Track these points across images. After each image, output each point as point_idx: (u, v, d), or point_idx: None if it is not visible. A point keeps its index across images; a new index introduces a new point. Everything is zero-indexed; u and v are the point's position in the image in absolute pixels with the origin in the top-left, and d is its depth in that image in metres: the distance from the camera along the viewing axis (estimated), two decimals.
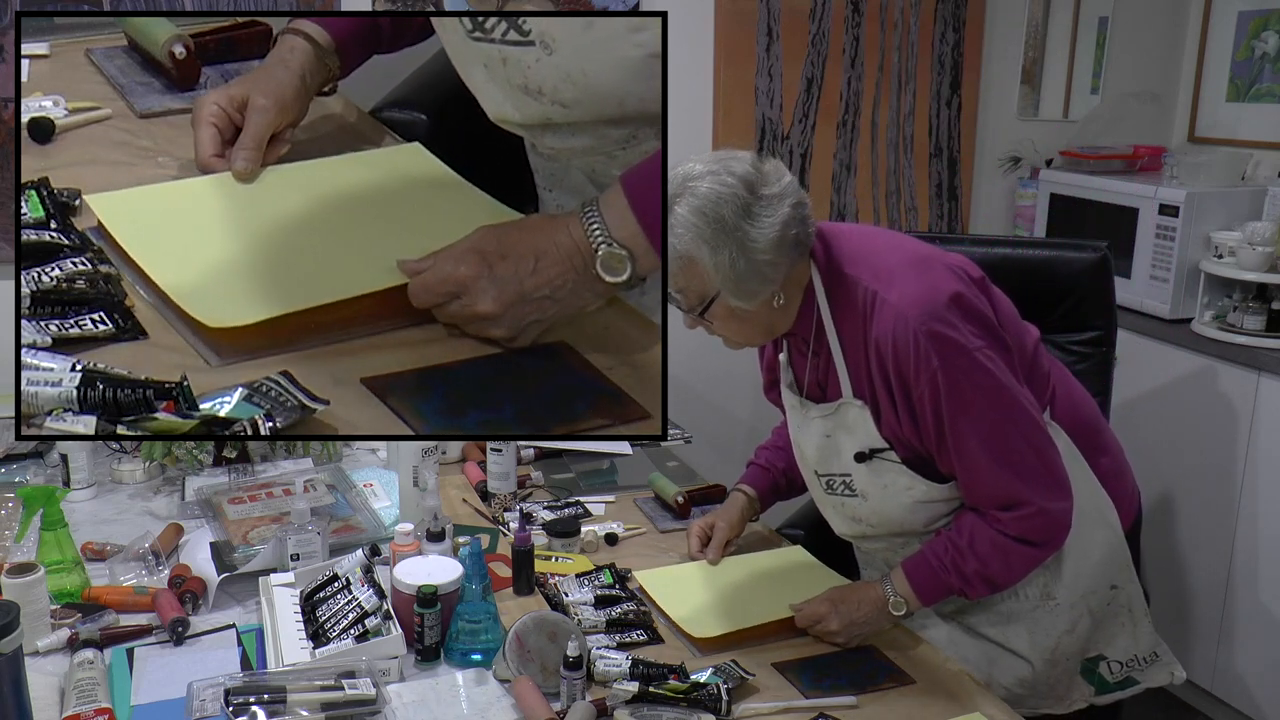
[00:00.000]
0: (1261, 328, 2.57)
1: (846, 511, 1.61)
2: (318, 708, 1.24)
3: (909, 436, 1.48)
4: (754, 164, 1.41)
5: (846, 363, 1.50)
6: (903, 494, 1.52)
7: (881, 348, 1.43)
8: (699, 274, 1.39)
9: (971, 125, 3.13)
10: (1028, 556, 1.48)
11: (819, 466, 1.59)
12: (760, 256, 1.38)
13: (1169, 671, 1.66)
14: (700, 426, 2.68)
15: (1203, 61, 3.24)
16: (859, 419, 1.50)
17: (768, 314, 1.47)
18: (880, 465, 1.51)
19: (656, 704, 1.29)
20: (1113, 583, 1.59)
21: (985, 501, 1.47)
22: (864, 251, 1.49)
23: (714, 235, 1.36)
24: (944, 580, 1.49)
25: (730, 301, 1.42)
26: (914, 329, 1.39)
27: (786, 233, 1.39)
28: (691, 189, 1.37)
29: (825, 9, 2.89)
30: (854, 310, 1.47)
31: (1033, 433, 1.45)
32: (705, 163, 1.40)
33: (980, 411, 1.41)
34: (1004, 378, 1.43)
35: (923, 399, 1.42)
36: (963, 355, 1.40)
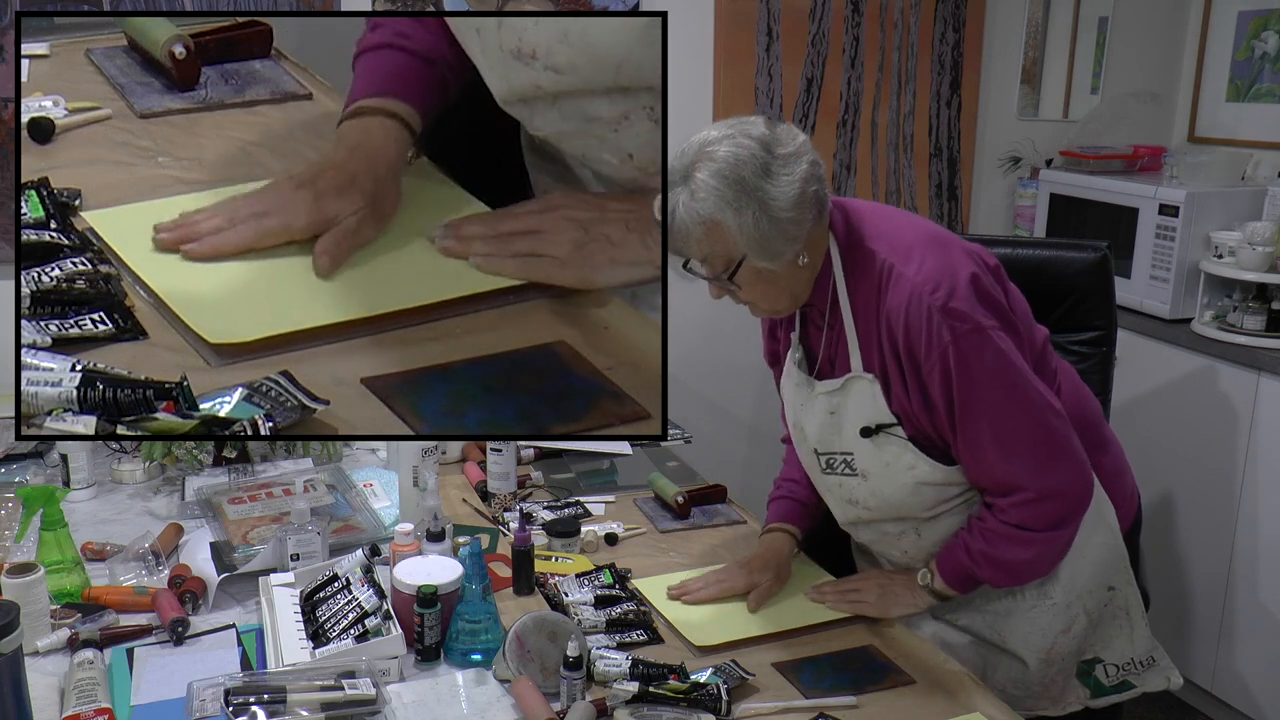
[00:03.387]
0: (1261, 328, 2.57)
1: (844, 493, 1.60)
2: (318, 708, 1.24)
3: (917, 413, 1.47)
4: (767, 125, 1.42)
5: (858, 335, 1.49)
6: (904, 473, 1.51)
7: (894, 321, 1.43)
8: (724, 237, 1.39)
9: (971, 125, 3.13)
10: (1034, 541, 1.47)
11: (819, 444, 1.58)
12: (783, 214, 1.38)
13: (1165, 677, 1.65)
14: (700, 426, 2.69)
15: (1203, 61, 3.24)
16: (867, 393, 1.50)
17: (793, 274, 1.46)
18: (885, 441, 1.50)
19: (656, 704, 1.29)
20: (1110, 584, 1.59)
21: (988, 484, 1.48)
22: (884, 227, 1.50)
23: (736, 197, 1.36)
24: (959, 558, 1.51)
25: (756, 263, 1.41)
26: (928, 304, 1.39)
27: (806, 189, 1.40)
28: (710, 154, 1.38)
29: (825, 9, 2.89)
30: (869, 282, 1.47)
31: (1044, 414, 1.45)
32: (719, 129, 1.41)
33: (988, 391, 1.41)
34: (1014, 358, 1.43)
35: (932, 375, 1.42)
36: (975, 333, 1.40)
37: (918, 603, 1.57)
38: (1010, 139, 3.20)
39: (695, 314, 2.96)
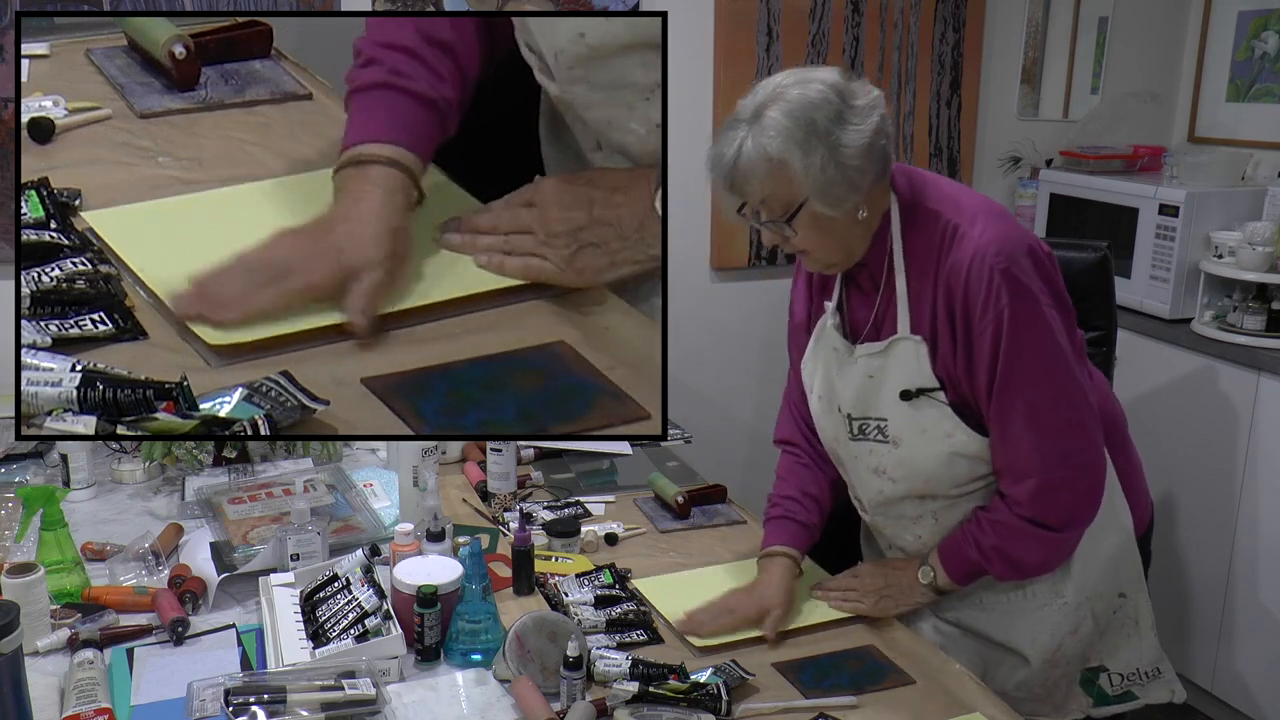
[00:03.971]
0: (1261, 328, 2.57)
1: (871, 460, 1.58)
2: (318, 708, 1.24)
3: (961, 377, 1.46)
4: (843, 75, 1.42)
5: (910, 297, 1.49)
6: (940, 441, 1.50)
7: (954, 278, 1.43)
8: (788, 178, 1.38)
9: (971, 125, 3.13)
10: (1046, 539, 1.48)
11: (854, 409, 1.56)
12: (850, 162, 1.37)
13: (1169, 689, 1.65)
14: (700, 426, 2.68)
15: (1203, 61, 3.24)
16: (912, 355, 1.49)
17: (850, 227, 1.45)
18: (924, 405, 1.49)
19: (656, 704, 1.29)
20: (1121, 590, 1.58)
21: (1005, 463, 1.47)
22: (948, 191, 1.51)
23: (806, 138, 1.36)
24: (966, 552, 1.50)
25: (817, 208, 1.40)
26: (990, 264, 1.40)
27: (876, 141, 1.39)
28: (782, 94, 1.37)
29: (825, 9, 2.89)
30: (929, 242, 1.46)
31: (1076, 400, 1.45)
32: (793, 74, 1.41)
33: (1032, 363, 1.42)
34: (1061, 339, 1.44)
35: (984, 336, 1.42)
36: (1032, 303, 1.40)
37: (918, 601, 1.57)
38: (1010, 139, 3.20)
39: (695, 314, 2.96)
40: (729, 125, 1.40)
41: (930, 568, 1.56)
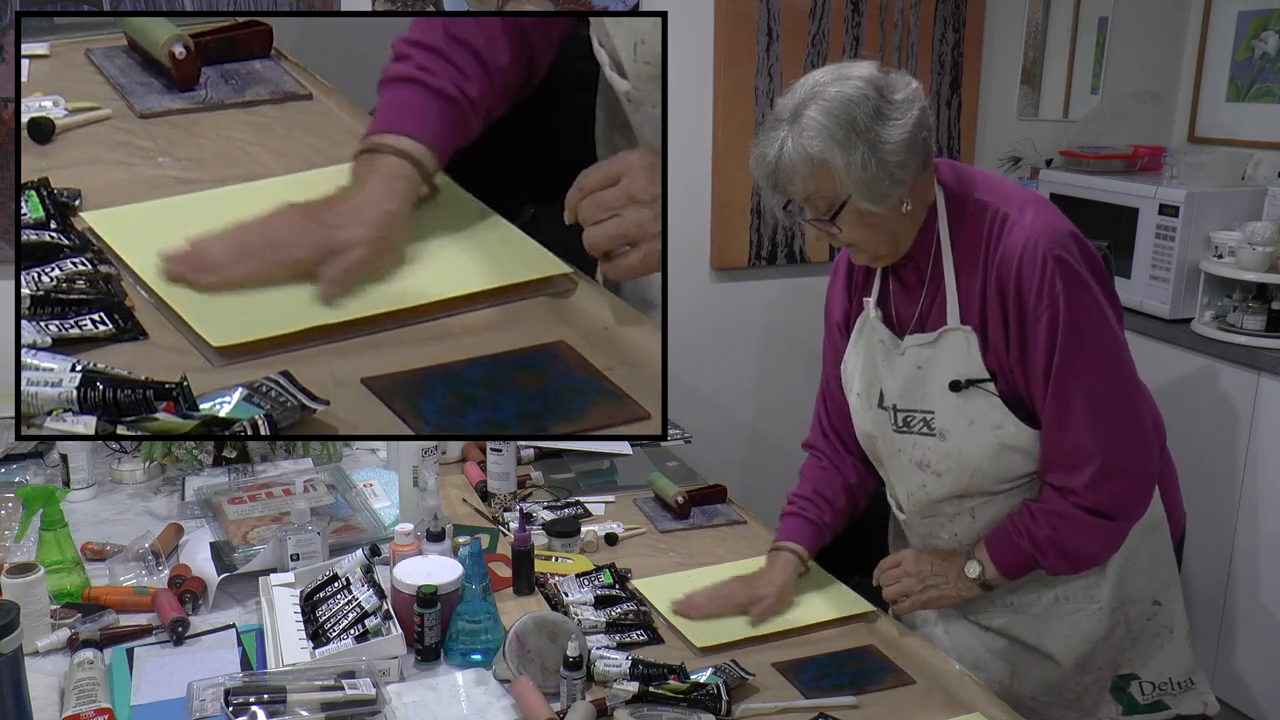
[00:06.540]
0: (1261, 328, 2.57)
1: (915, 454, 1.55)
2: (318, 708, 1.24)
3: (1013, 367, 1.45)
4: (880, 70, 1.41)
5: (959, 288, 1.48)
6: (988, 433, 1.48)
7: (1005, 266, 1.42)
8: (830, 177, 1.37)
9: (971, 125, 3.13)
10: (1102, 529, 1.46)
11: (900, 400, 1.54)
12: (891, 158, 1.37)
13: (1202, 700, 1.61)
14: (700, 426, 2.68)
15: (1203, 61, 3.24)
16: (962, 345, 1.47)
17: (896, 220, 1.45)
18: (972, 396, 1.47)
19: (656, 704, 1.29)
20: (1156, 598, 1.57)
21: (1060, 455, 1.45)
22: (994, 181, 1.51)
23: (846, 136, 1.35)
24: (1018, 544, 1.48)
25: (860, 204, 1.39)
26: (1044, 250, 1.39)
27: (916, 135, 1.39)
28: (820, 92, 1.37)
29: (825, 9, 2.89)
30: (977, 232, 1.46)
31: (1131, 388, 1.45)
32: (830, 72, 1.41)
33: (1089, 351, 1.41)
34: (1115, 327, 1.44)
35: (1039, 324, 1.41)
36: (1085, 290, 1.40)
37: (963, 594, 1.55)
38: (1010, 139, 3.20)
39: (695, 314, 2.96)
40: (769, 125, 1.40)
41: (978, 562, 1.53)
